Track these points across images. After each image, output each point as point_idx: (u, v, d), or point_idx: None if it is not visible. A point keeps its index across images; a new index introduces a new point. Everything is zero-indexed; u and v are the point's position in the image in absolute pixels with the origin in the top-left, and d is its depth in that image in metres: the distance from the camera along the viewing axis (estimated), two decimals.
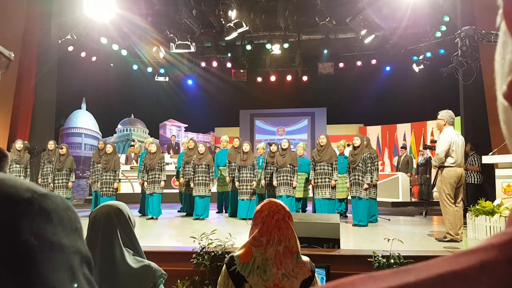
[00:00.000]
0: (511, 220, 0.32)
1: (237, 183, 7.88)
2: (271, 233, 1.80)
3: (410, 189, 11.50)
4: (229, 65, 14.73)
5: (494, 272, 0.26)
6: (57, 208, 0.45)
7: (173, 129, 17.74)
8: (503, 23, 0.34)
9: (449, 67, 6.27)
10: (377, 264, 4.08)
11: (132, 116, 17.08)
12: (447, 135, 5.47)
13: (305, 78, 15.17)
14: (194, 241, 4.42)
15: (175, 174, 9.93)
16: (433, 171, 5.65)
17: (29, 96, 9.83)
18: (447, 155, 5.40)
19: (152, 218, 7.84)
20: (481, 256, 0.28)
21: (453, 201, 5.38)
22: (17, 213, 0.41)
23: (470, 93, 8.16)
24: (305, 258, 1.86)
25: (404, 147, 12.41)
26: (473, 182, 8.49)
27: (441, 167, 5.50)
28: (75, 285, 0.44)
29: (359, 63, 14.02)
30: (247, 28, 10.84)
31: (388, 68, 14.55)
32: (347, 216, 8.04)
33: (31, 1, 9.73)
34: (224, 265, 1.85)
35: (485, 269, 0.27)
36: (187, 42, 11.44)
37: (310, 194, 8.14)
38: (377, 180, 7.19)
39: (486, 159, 6.50)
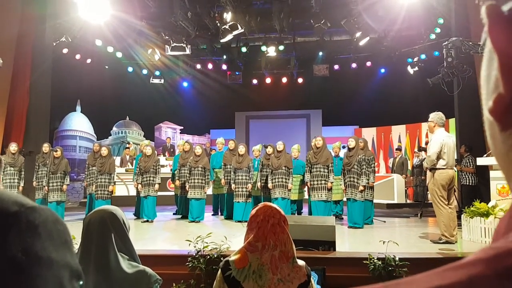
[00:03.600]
0: (498, 234, 0.32)
1: (233, 186, 7.88)
2: (267, 238, 1.79)
3: (405, 190, 11.52)
4: (224, 67, 14.76)
5: (482, 287, 0.27)
6: (46, 222, 0.44)
7: (168, 131, 17.71)
8: (488, 40, 0.34)
9: (435, 77, 6.30)
10: (372, 266, 4.09)
11: (127, 118, 17.04)
12: (438, 137, 5.48)
13: (300, 80, 15.22)
14: (189, 244, 4.40)
15: (170, 176, 9.92)
16: (428, 173, 5.68)
17: (24, 98, 9.78)
18: (438, 157, 5.42)
19: (147, 221, 7.82)
20: (469, 271, 0.28)
21: (446, 203, 5.40)
22: (4, 227, 0.40)
23: (465, 95, 8.20)
24: (300, 262, 1.85)
25: (399, 149, 12.45)
26: (467, 183, 8.52)
27: (432, 169, 5.52)
28: None
29: (354, 65, 14.09)
30: (243, 30, 10.84)
31: (383, 70, 14.62)
32: (342, 218, 8.05)
33: (25, 3, 9.68)
34: (219, 270, 1.84)
35: (473, 284, 0.27)
36: (182, 44, 11.43)
37: (306, 196, 8.15)
38: (374, 182, 7.20)
39: (481, 161, 6.54)
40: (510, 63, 0.33)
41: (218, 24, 11.24)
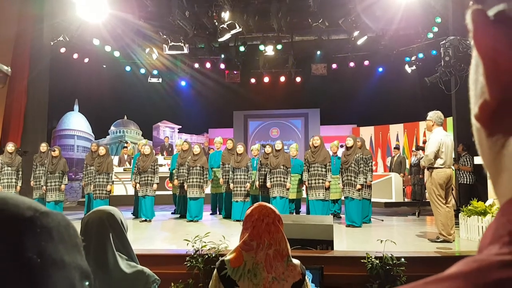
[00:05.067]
0: (484, 244, 0.32)
1: (231, 185, 7.88)
2: (261, 237, 1.81)
3: (403, 189, 11.55)
4: (222, 66, 14.76)
5: None
6: (58, 226, 0.46)
7: (166, 130, 17.70)
8: (473, 45, 0.34)
9: (432, 76, 6.31)
10: (370, 265, 4.10)
11: (125, 117, 17.02)
12: (436, 136, 5.49)
13: (298, 79, 15.22)
14: (187, 243, 4.41)
15: (168, 175, 9.91)
16: (426, 172, 5.70)
17: (21, 98, 9.77)
18: (436, 156, 5.43)
19: (145, 220, 7.82)
20: (450, 285, 0.28)
21: (444, 202, 5.41)
22: (20, 231, 0.42)
23: (463, 93, 8.21)
24: (295, 261, 1.86)
25: (397, 148, 12.46)
26: (465, 182, 8.54)
27: (430, 168, 5.52)
28: None
29: (352, 64, 14.11)
30: (240, 29, 10.84)
31: (380, 69, 14.64)
32: (340, 217, 8.06)
33: (23, 2, 9.66)
34: (215, 269, 1.85)
35: None
36: (180, 43, 11.42)
37: (304, 195, 8.16)
38: (371, 181, 7.22)
39: (478, 160, 6.50)
40: (495, 69, 0.33)
41: (216, 23, 11.24)
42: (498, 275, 0.27)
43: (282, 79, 15.29)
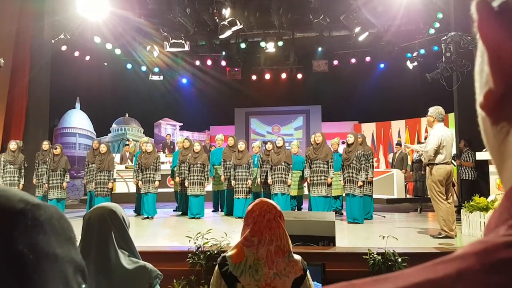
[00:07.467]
0: (489, 229, 0.33)
1: (232, 182, 7.88)
2: (263, 233, 1.81)
3: (405, 185, 11.54)
4: (223, 63, 14.74)
5: (469, 281, 0.27)
6: (51, 218, 0.45)
7: (168, 128, 17.69)
8: (478, 35, 0.35)
9: (434, 72, 6.29)
10: (372, 261, 4.10)
11: (127, 115, 17.00)
12: (437, 132, 5.48)
13: (299, 76, 15.21)
14: (189, 240, 4.42)
15: (170, 173, 9.92)
16: (427, 168, 5.70)
17: (23, 96, 9.76)
18: (437, 152, 5.42)
19: (147, 217, 7.83)
20: (458, 265, 0.29)
21: (444, 197, 5.40)
22: (10, 224, 0.41)
23: (464, 89, 8.19)
24: (297, 257, 1.87)
25: (399, 144, 12.44)
26: (467, 178, 8.53)
27: (430, 164, 5.51)
28: None
29: (353, 60, 14.08)
30: (241, 26, 10.82)
31: (382, 65, 14.60)
32: (342, 214, 8.06)
33: (23, 0, 9.66)
34: (217, 265, 1.85)
35: (461, 278, 0.28)
36: (181, 40, 11.41)
37: (306, 192, 8.16)
38: (372, 177, 7.21)
39: (480, 155, 6.54)
40: (499, 58, 0.33)
41: (217, 20, 11.23)
42: (504, 255, 0.28)
43: (283, 76, 15.27)
